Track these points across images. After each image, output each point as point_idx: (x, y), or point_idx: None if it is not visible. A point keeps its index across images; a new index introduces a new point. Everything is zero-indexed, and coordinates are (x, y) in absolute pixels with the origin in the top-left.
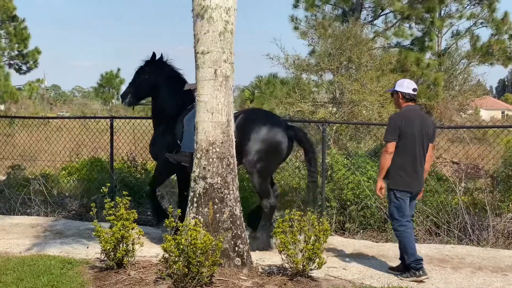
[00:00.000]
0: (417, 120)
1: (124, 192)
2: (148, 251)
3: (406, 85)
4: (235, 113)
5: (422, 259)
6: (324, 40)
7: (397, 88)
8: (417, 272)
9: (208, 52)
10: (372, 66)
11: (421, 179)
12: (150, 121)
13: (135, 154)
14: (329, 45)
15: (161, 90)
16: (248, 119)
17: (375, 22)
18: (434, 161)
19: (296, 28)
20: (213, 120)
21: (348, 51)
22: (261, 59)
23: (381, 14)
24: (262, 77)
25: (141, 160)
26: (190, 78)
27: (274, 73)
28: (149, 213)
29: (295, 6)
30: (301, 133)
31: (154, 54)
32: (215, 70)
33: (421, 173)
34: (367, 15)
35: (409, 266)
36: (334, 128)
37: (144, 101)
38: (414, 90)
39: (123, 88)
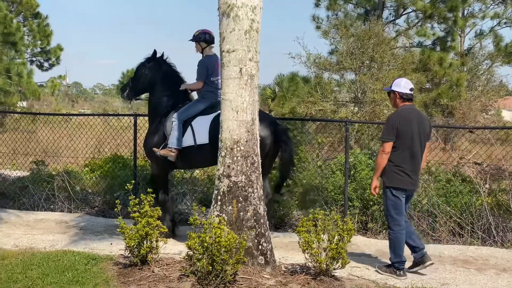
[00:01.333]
0: (414, 120)
1: (149, 190)
2: (171, 248)
3: (403, 85)
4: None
5: (405, 261)
6: (346, 39)
7: (394, 88)
8: (397, 271)
9: (233, 51)
10: (394, 65)
11: (418, 178)
12: None
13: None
14: (351, 44)
15: (157, 87)
16: None
17: (397, 21)
18: (458, 161)
19: (318, 27)
20: (237, 118)
21: (371, 50)
22: (282, 57)
23: (403, 13)
24: (283, 75)
25: None
26: (190, 78)
27: (295, 71)
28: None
29: (317, 5)
30: (281, 130)
31: (155, 52)
32: (241, 68)
33: (418, 173)
34: (389, 14)
35: (392, 264)
36: (356, 127)
37: (143, 97)
38: (411, 89)
39: None
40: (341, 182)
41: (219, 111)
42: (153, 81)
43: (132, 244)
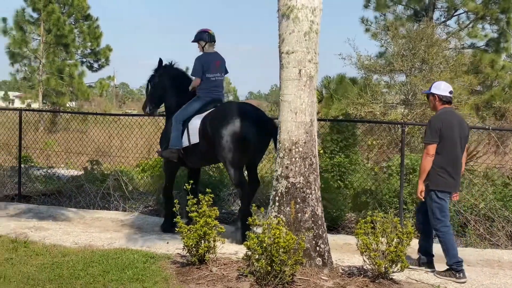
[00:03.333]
0: (455, 123)
1: (207, 189)
2: (227, 248)
3: (443, 88)
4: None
5: (462, 261)
6: (397, 41)
7: (433, 91)
8: (457, 274)
9: (292, 52)
10: (446, 67)
11: (459, 180)
12: None
13: None
14: (402, 45)
15: (168, 92)
16: (215, 114)
17: (447, 22)
18: None
19: (367, 30)
20: (296, 120)
21: (422, 52)
22: (328, 59)
23: (455, 14)
24: (329, 77)
25: None
26: None
27: (342, 73)
28: (223, 210)
29: (366, 6)
30: (271, 125)
31: (160, 60)
32: (300, 70)
33: (460, 175)
34: (440, 15)
35: (450, 267)
36: (406, 129)
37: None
38: (450, 92)
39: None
40: (396, 185)
41: (210, 110)
42: (164, 88)
43: (190, 243)
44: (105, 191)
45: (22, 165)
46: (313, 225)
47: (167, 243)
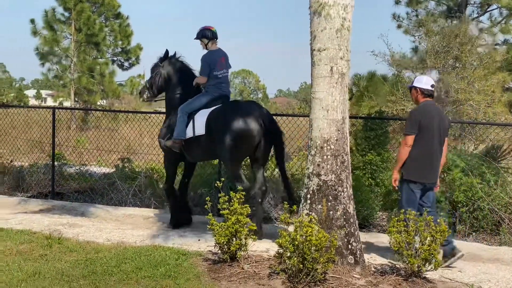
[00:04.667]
0: (435, 115)
1: (239, 187)
2: (257, 245)
3: (425, 82)
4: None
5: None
6: (431, 37)
7: (416, 84)
8: None
9: (324, 49)
10: (479, 64)
11: (437, 172)
12: None
13: None
14: (436, 42)
15: (172, 84)
16: (222, 110)
17: (480, 18)
18: None
19: (399, 26)
20: (328, 117)
21: (456, 49)
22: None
23: (487, 10)
24: (360, 75)
25: None
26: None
27: (372, 71)
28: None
29: (397, 2)
30: (269, 122)
31: (167, 51)
32: (331, 67)
33: (437, 167)
34: (472, 11)
35: None
36: None
37: (161, 96)
38: (432, 86)
39: None
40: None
41: (219, 105)
42: (168, 79)
43: (222, 240)
44: (136, 188)
45: (56, 163)
46: (345, 223)
47: (199, 240)
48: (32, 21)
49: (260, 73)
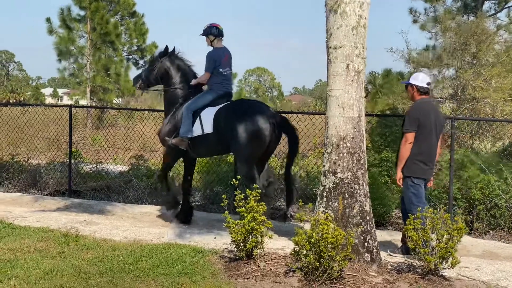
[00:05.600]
0: (432, 112)
1: (255, 185)
2: (273, 243)
3: (421, 79)
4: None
5: None
6: (448, 34)
7: (412, 81)
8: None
9: (340, 47)
10: (496, 62)
11: (433, 168)
12: None
13: None
14: (453, 39)
15: (171, 80)
16: (231, 108)
17: (497, 15)
18: None
19: (415, 21)
20: (344, 115)
21: (473, 46)
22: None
23: (505, 6)
24: (375, 73)
25: None
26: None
27: (388, 68)
28: (270, 206)
29: None
30: (283, 121)
31: (167, 47)
32: (347, 65)
33: (434, 162)
34: (490, 8)
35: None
36: (455, 124)
37: (155, 88)
38: (428, 84)
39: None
40: (445, 181)
41: (225, 103)
42: (166, 74)
43: (238, 238)
44: (152, 186)
45: (72, 161)
46: (361, 220)
47: (215, 238)
48: (48, 19)
49: (275, 71)
